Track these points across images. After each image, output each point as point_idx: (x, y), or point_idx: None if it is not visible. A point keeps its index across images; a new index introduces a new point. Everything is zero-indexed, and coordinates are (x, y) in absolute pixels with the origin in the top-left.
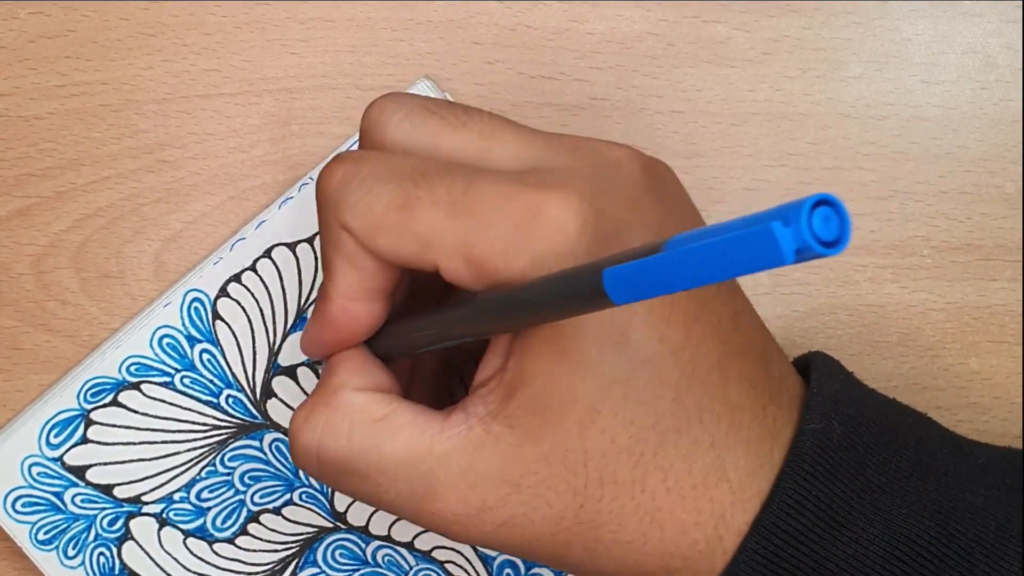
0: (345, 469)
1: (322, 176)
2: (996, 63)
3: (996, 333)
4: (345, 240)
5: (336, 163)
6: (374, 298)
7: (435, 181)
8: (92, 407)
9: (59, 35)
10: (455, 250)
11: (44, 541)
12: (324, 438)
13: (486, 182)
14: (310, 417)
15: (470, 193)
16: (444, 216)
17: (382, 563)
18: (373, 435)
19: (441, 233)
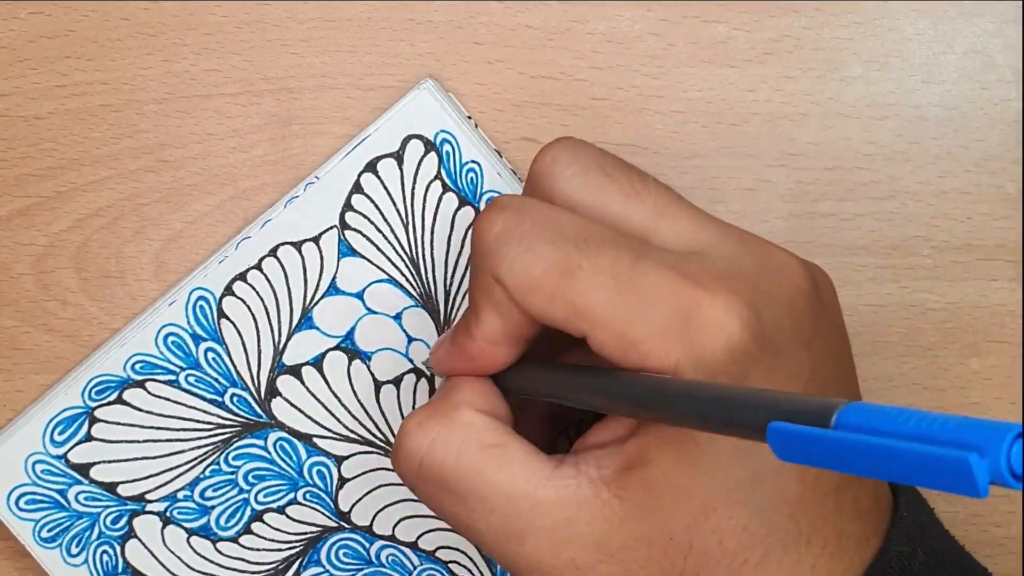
0: (444, 485)
1: (481, 223)
2: (996, 63)
3: (996, 333)
4: (496, 292)
5: (497, 211)
6: (515, 344)
7: (600, 251)
8: (96, 405)
9: (59, 35)
10: (609, 325)
11: (47, 539)
12: (434, 447)
13: (651, 262)
14: (424, 424)
15: (635, 270)
16: (604, 289)
17: (386, 563)
18: (482, 460)
19: (598, 306)
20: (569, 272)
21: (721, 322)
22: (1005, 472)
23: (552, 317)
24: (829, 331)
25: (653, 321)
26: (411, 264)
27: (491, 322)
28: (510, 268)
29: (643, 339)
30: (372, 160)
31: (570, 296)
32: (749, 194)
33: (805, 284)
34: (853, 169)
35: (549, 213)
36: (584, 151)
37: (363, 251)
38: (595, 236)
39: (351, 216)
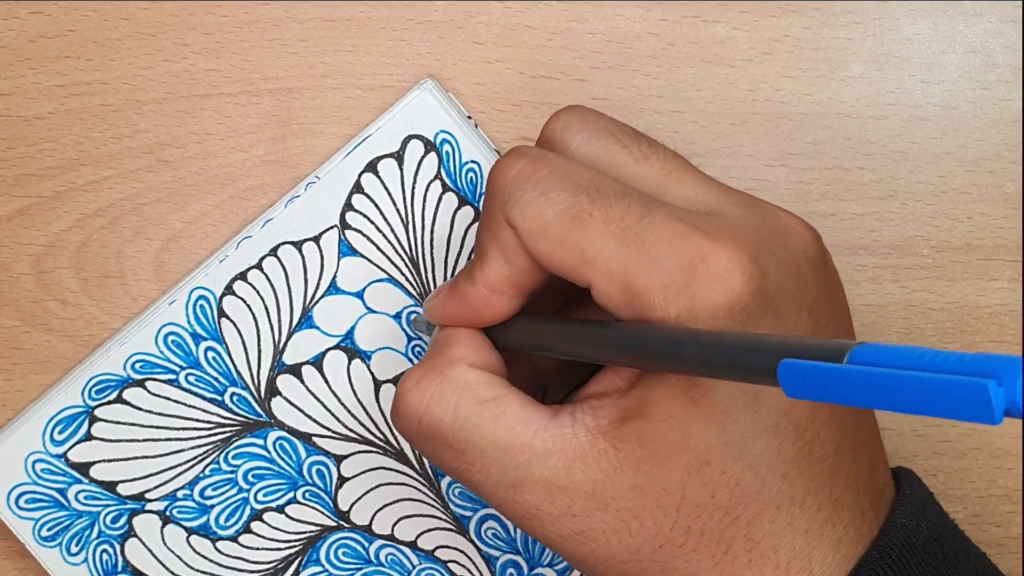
0: (442, 440)
1: (498, 167)
2: (996, 63)
3: (996, 333)
4: (506, 235)
5: (515, 157)
6: (516, 294)
7: (611, 201)
8: (96, 404)
9: (59, 35)
10: (615, 275)
11: (47, 538)
12: (431, 406)
13: (660, 215)
14: (420, 382)
15: (643, 222)
16: (613, 239)
17: (385, 562)
18: (479, 414)
19: (606, 255)
20: (580, 219)
21: (725, 276)
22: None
23: (559, 263)
24: (832, 297)
25: (658, 273)
26: (411, 264)
27: (497, 267)
28: (523, 211)
29: (647, 290)
30: (372, 160)
31: (579, 243)
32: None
33: (812, 248)
34: (853, 169)
35: (566, 164)
36: (595, 117)
37: (363, 251)
38: (607, 187)
39: (351, 216)
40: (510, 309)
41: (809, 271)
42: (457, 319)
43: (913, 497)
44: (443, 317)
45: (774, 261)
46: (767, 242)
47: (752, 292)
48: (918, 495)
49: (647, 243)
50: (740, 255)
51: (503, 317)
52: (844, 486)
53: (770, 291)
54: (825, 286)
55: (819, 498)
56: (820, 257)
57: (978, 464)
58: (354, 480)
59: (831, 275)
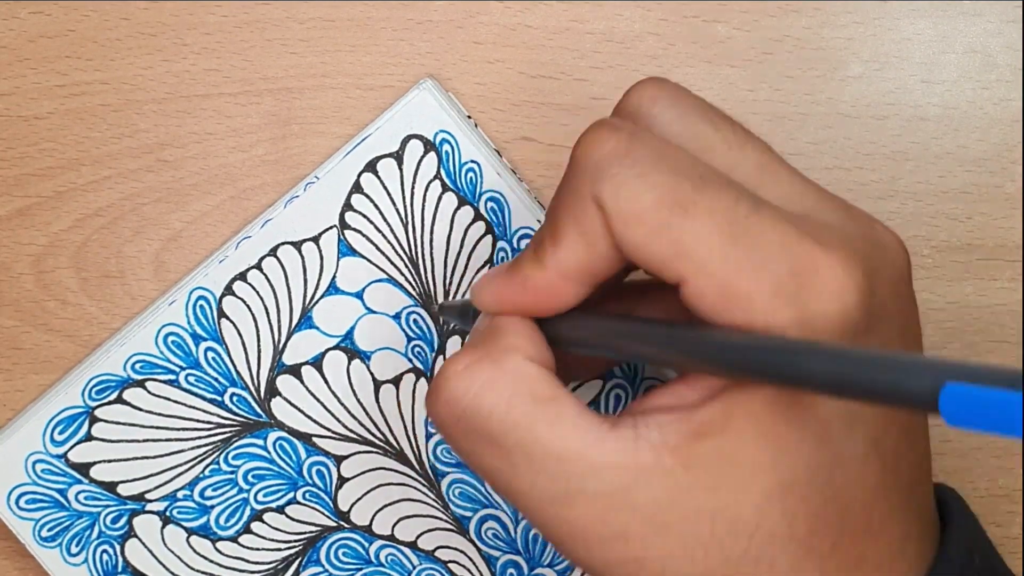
0: (487, 436)
1: (588, 139)
2: (996, 63)
3: (996, 333)
4: (593, 216)
5: (608, 130)
6: (588, 283)
7: (718, 191)
8: (97, 404)
9: (59, 35)
10: (716, 273)
11: (47, 538)
12: (481, 395)
13: (770, 213)
14: (472, 367)
15: (752, 219)
16: (719, 232)
17: (385, 562)
18: (533, 412)
19: (707, 249)
20: (682, 207)
21: (840, 288)
22: None
23: (650, 254)
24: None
25: (766, 276)
26: (411, 264)
27: (574, 251)
28: (616, 191)
29: (752, 294)
30: (372, 160)
31: (678, 233)
32: None
33: (905, 266)
34: (853, 169)
35: (665, 145)
36: (686, 93)
37: (363, 251)
38: (712, 176)
39: (351, 216)
40: (576, 300)
41: (904, 290)
42: (515, 305)
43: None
44: (499, 302)
45: (879, 279)
46: (872, 256)
47: (863, 309)
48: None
49: (756, 241)
50: (855, 269)
51: (567, 307)
52: (914, 517)
53: (875, 311)
54: (913, 306)
55: (892, 531)
56: (910, 275)
57: (978, 464)
58: (354, 480)
59: (914, 300)
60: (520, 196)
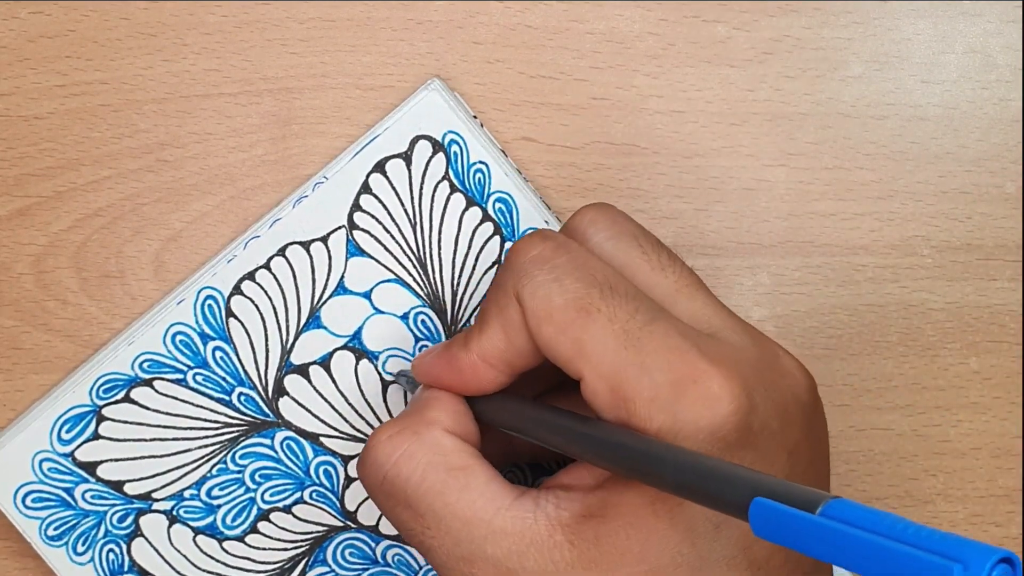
0: (403, 500)
1: (520, 244)
2: (996, 63)
3: (996, 333)
4: (512, 311)
5: (539, 238)
6: (507, 371)
7: (621, 301)
8: (104, 403)
9: (59, 35)
10: (607, 375)
11: (54, 537)
12: (400, 463)
13: (663, 326)
14: (394, 438)
15: (645, 329)
16: (613, 340)
17: (392, 563)
18: (445, 481)
19: (602, 352)
20: (586, 311)
21: (712, 401)
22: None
23: (556, 350)
24: (814, 446)
25: (648, 383)
26: (419, 264)
27: (495, 340)
28: (534, 291)
29: (633, 397)
30: (380, 160)
31: (580, 335)
32: (749, 194)
33: (804, 393)
34: (853, 169)
35: (586, 256)
36: (623, 219)
37: (371, 251)
38: (621, 287)
39: (359, 216)
40: (497, 384)
41: (797, 414)
42: (443, 382)
43: None
44: (429, 377)
45: (764, 397)
46: (762, 377)
47: (736, 423)
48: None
49: (645, 351)
50: (732, 383)
51: (488, 390)
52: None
53: (754, 426)
54: (809, 433)
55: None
56: (811, 403)
57: (978, 464)
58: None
59: (818, 424)
60: (528, 197)
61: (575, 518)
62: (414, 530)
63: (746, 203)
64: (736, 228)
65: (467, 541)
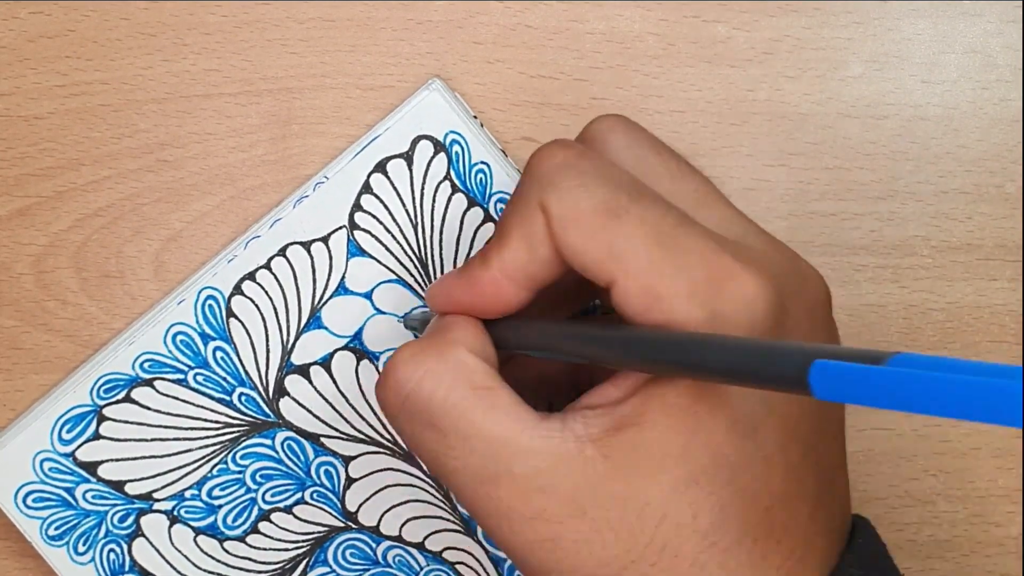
0: (427, 419)
1: (540, 153)
2: (996, 63)
3: (996, 333)
4: (537, 220)
5: (559, 146)
6: (529, 286)
7: (650, 204)
8: (105, 403)
9: (59, 35)
10: (640, 275)
11: (54, 537)
12: (424, 381)
13: (694, 228)
14: (417, 356)
15: (678, 230)
16: (646, 240)
17: (392, 563)
18: (471, 399)
19: (635, 252)
20: (616, 214)
21: (750, 298)
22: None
23: (584, 256)
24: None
25: (684, 280)
26: (420, 265)
27: (517, 252)
28: (560, 197)
29: (670, 295)
30: (382, 160)
31: (610, 237)
32: (749, 194)
33: (825, 298)
34: (853, 169)
35: (609, 163)
36: (639, 129)
37: (372, 251)
38: (647, 192)
39: (360, 216)
40: (519, 301)
41: (821, 317)
42: (462, 305)
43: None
44: (448, 302)
45: (793, 302)
46: (789, 282)
47: (772, 321)
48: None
49: (678, 249)
50: (767, 284)
51: (508, 310)
52: (819, 529)
53: (787, 325)
54: (829, 335)
55: (795, 538)
56: (830, 311)
57: (978, 464)
58: (362, 481)
59: (834, 328)
60: None
61: (606, 432)
62: (436, 452)
63: (746, 203)
64: None
65: (493, 461)
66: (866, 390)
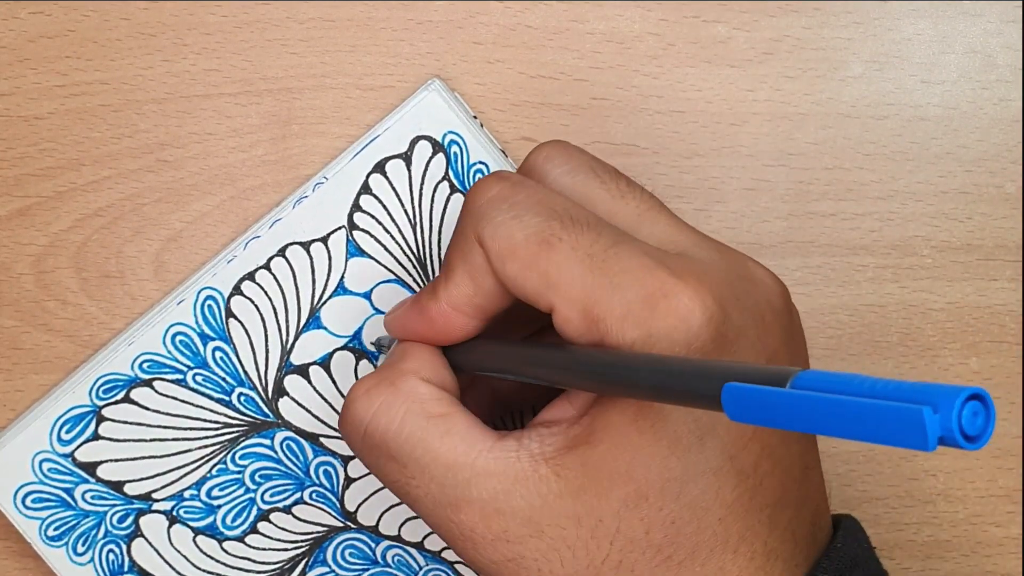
0: (385, 452)
1: (476, 188)
2: (996, 63)
3: (996, 333)
4: (476, 254)
5: (494, 180)
6: (479, 315)
7: (582, 230)
8: (104, 404)
9: (59, 35)
10: (577, 301)
11: (54, 537)
12: (378, 415)
13: (628, 248)
14: (371, 391)
15: (610, 252)
16: (579, 266)
17: (392, 563)
18: (425, 428)
19: (569, 280)
20: (548, 243)
21: (684, 313)
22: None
23: (524, 286)
24: (793, 351)
25: (618, 301)
26: (419, 265)
27: (462, 286)
28: (495, 231)
29: (605, 317)
30: (380, 161)
31: (545, 266)
32: (749, 194)
33: (778, 301)
34: (853, 169)
35: (543, 191)
36: (577, 153)
37: (371, 251)
38: (581, 217)
39: (359, 216)
40: (469, 330)
41: (773, 322)
42: (415, 334)
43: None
44: (402, 330)
45: (738, 307)
46: (733, 288)
47: (711, 333)
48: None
49: (612, 271)
50: (703, 295)
51: (461, 337)
52: (781, 537)
53: (729, 335)
54: (787, 339)
55: (754, 546)
56: (786, 310)
57: (978, 464)
58: (361, 481)
59: (795, 330)
60: None
61: (559, 451)
62: (399, 482)
63: (746, 203)
64: (736, 228)
65: (452, 486)
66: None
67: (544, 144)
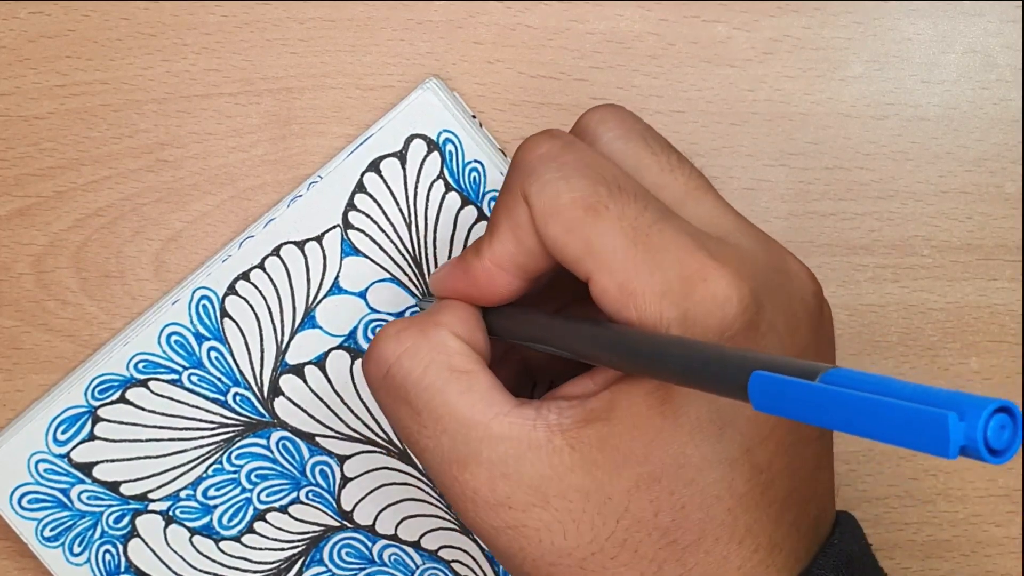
0: (403, 396)
1: (527, 144)
2: (996, 63)
3: (996, 333)
4: (520, 210)
5: (545, 137)
6: (520, 275)
7: (628, 200)
8: (100, 404)
9: (59, 35)
10: (616, 272)
11: (50, 538)
12: (403, 358)
13: (672, 225)
14: (401, 334)
15: (654, 227)
16: (622, 237)
17: (388, 562)
18: (447, 380)
19: (611, 250)
20: (594, 209)
21: (721, 300)
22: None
23: (563, 250)
24: (820, 348)
25: (657, 279)
26: (414, 263)
27: (505, 243)
28: (541, 189)
29: (642, 293)
30: (375, 159)
31: (588, 233)
32: (749, 194)
33: (811, 298)
34: (853, 169)
35: (593, 154)
36: (631, 119)
37: (366, 250)
38: (629, 186)
39: (354, 215)
40: (511, 290)
41: (804, 318)
42: (457, 291)
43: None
44: (445, 288)
45: (771, 300)
46: (770, 280)
47: (744, 323)
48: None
49: (654, 247)
50: (741, 284)
51: (503, 297)
52: (786, 532)
53: (761, 327)
54: (816, 336)
55: (759, 539)
56: (817, 307)
57: (978, 464)
58: (357, 480)
59: (825, 328)
60: None
61: (576, 423)
62: (410, 429)
63: (746, 203)
64: None
65: (463, 443)
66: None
67: (599, 107)
